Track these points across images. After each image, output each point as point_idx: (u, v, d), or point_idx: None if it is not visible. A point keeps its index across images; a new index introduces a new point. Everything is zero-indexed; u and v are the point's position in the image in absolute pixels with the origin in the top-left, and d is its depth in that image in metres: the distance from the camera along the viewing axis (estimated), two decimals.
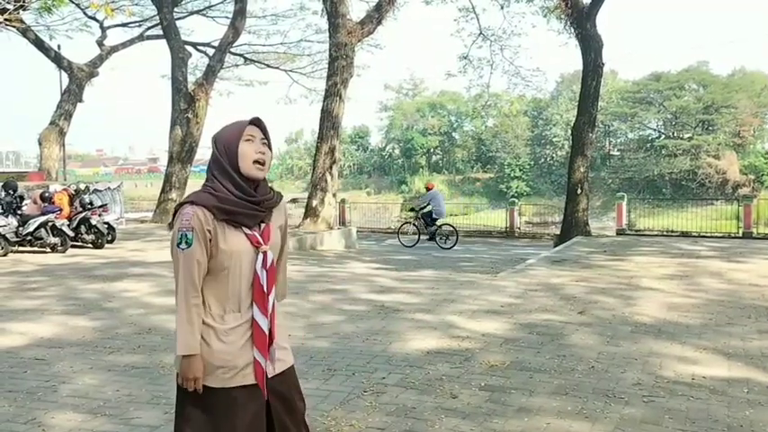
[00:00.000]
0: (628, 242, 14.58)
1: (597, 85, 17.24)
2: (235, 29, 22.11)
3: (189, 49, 23.86)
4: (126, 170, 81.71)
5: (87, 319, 6.68)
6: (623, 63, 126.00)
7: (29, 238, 12.69)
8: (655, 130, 56.63)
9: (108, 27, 26.06)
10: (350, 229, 17.48)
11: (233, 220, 2.25)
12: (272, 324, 2.31)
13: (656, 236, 16.58)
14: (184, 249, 2.20)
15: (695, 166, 49.24)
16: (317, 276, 9.69)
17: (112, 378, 4.73)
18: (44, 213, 12.91)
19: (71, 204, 14.13)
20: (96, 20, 25.24)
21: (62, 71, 24.44)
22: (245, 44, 27.34)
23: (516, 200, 25.09)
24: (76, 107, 24.44)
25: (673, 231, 17.24)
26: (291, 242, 13.96)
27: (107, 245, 13.82)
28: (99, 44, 25.63)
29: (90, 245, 13.70)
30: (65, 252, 12.82)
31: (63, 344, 5.71)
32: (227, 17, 24.86)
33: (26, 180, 19.42)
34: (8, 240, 12.40)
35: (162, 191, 22.36)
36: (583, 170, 17.01)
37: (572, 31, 17.45)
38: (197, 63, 26.95)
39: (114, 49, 26.01)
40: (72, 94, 24.09)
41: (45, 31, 24.31)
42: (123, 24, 26.39)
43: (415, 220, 17.37)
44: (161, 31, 23.21)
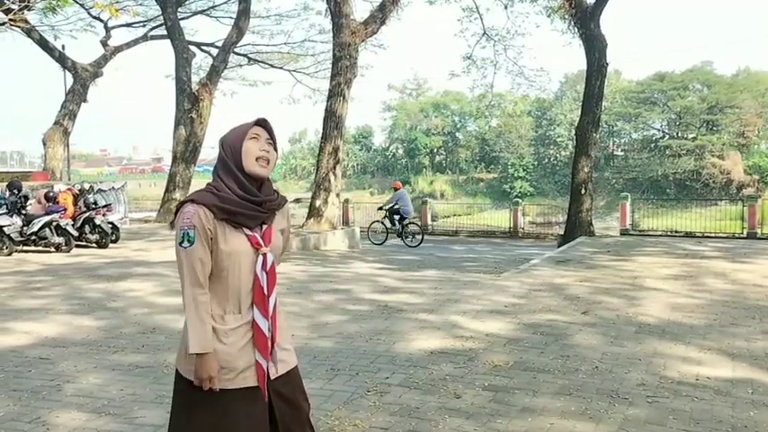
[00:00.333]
0: (632, 242, 14.55)
1: (601, 85, 17.21)
2: (239, 29, 22.14)
3: (193, 49, 23.94)
4: (130, 170, 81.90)
5: (91, 319, 6.70)
6: (627, 63, 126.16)
7: (33, 237, 12.73)
8: (659, 130, 56.52)
9: (112, 27, 26.15)
10: (353, 229, 17.48)
11: (233, 221, 2.24)
12: (273, 326, 2.30)
13: (660, 236, 16.55)
14: (187, 248, 2.19)
15: (699, 166, 49.11)
16: (320, 276, 9.70)
17: (116, 377, 4.74)
18: (48, 213, 12.93)
19: (75, 204, 14.16)
20: (101, 20, 25.32)
21: (66, 71, 24.51)
22: (248, 44, 27.40)
23: (520, 200, 25.09)
24: (81, 107, 24.53)
25: (677, 232, 17.22)
26: (295, 242, 13.96)
27: (111, 244, 13.87)
28: (103, 44, 25.70)
29: (94, 244, 13.74)
30: (69, 252, 12.86)
31: (67, 343, 5.73)
32: (230, 17, 24.94)
33: (30, 180, 19.48)
34: (13, 240, 12.44)
35: (166, 190, 22.41)
36: (587, 170, 16.99)
37: (576, 30, 17.42)
38: (201, 63, 27.10)
39: (118, 49, 26.08)
40: (76, 94, 24.17)
41: (49, 32, 24.43)
42: (127, 24, 26.47)
43: (384, 219, 18.00)
44: (165, 32, 23.25)
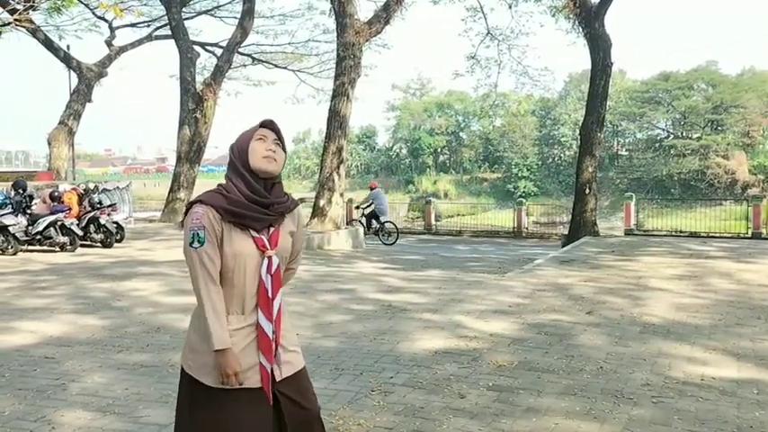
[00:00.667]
0: (636, 242, 14.52)
1: (606, 85, 17.18)
2: (243, 29, 22.16)
3: (197, 49, 23.95)
4: (134, 170, 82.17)
5: (96, 318, 6.72)
6: (632, 63, 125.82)
7: (38, 237, 12.77)
8: (663, 129, 56.32)
9: (117, 27, 26.19)
10: (357, 228, 17.47)
11: (240, 222, 2.25)
12: (277, 329, 2.30)
13: (664, 236, 16.52)
14: (197, 248, 2.21)
15: (704, 166, 48.88)
16: (324, 276, 9.70)
17: (121, 376, 4.75)
18: (53, 213, 12.97)
19: (80, 204, 14.20)
20: (105, 20, 25.36)
21: (71, 71, 24.55)
22: (253, 44, 27.42)
23: (524, 200, 25.04)
24: (85, 107, 24.56)
25: (681, 232, 17.19)
26: None
27: (116, 244, 13.89)
28: (108, 44, 25.74)
29: (99, 244, 13.77)
30: (74, 251, 12.90)
31: (72, 342, 5.75)
32: (235, 17, 24.96)
33: (35, 179, 19.52)
34: (18, 239, 12.48)
35: (170, 190, 22.46)
36: (591, 170, 16.96)
37: (580, 30, 17.39)
38: (205, 63, 27.11)
39: (123, 49, 26.12)
40: (81, 94, 24.21)
41: (54, 32, 24.50)
42: (132, 24, 26.53)
43: (361, 218, 18.64)
44: (170, 32, 23.29)
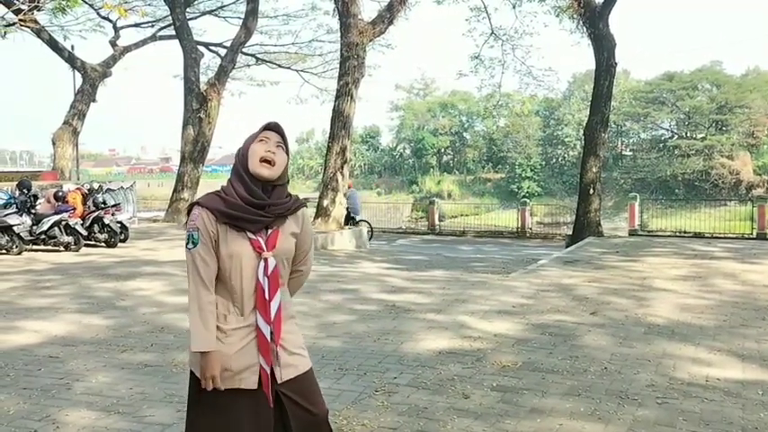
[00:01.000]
0: (640, 243, 14.49)
1: (610, 85, 17.15)
2: (247, 29, 22.18)
3: (201, 49, 23.97)
4: (138, 170, 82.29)
5: (101, 318, 6.73)
6: (636, 63, 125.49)
7: (43, 236, 12.79)
8: (667, 130, 56.21)
9: (121, 27, 26.26)
10: (360, 228, 17.47)
11: (235, 224, 2.28)
12: (276, 330, 2.31)
13: (668, 237, 16.48)
14: (191, 249, 2.28)
15: (708, 166, 48.76)
16: (328, 276, 9.71)
17: (126, 376, 4.76)
18: (58, 212, 13.00)
19: (84, 203, 14.22)
20: (110, 20, 25.43)
21: (75, 71, 24.61)
22: (256, 44, 27.46)
23: (527, 200, 25.00)
24: (90, 107, 24.63)
25: (686, 232, 17.14)
26: None
27: (120, 244, 13.92)
28: (112, 44, 25.81)
29: (103, 244, 13.80)
30: (78, 251, 12.92)
31: (77, 342, 5.76)
32: (239, 17, 24.98)
33: (40, 179, 19.57)
34: (22, 239, 12.51)
35: (174, 190, 22.48)
36: (595, 170, 16.94)
37: (584, 30, 17.37)
38: (209, 63, 27.13)
39: (127, 49, 26.18)
40: (85, 94, 24.27)
41: (59, 32, 24.52)
42: (136, 25, 26.56)
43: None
44: (174, 32, 23.33)
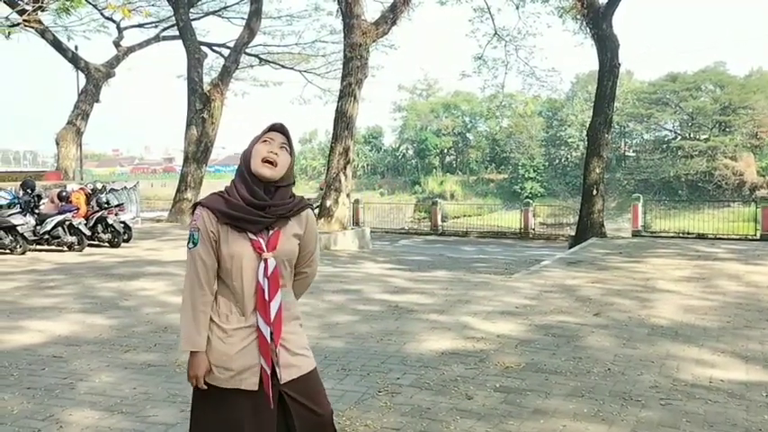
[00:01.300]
0: (644, 244, 14.46)
1: (613, 86, 17.13)
2: (250, 29, 22.20)
3: (204, 49, 23.98)
4: (142, 170, 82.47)
5: (104, 318, 6.74)
6: (639, 63, 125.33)
7: (46, 236, 12.81)
8: (671, 131, 56.09)
9: (125, 28, 26.27)
10: (363, 229, 17.48)
11: (236, 225, 2.29)
12: (276, 331, 2.31)
13: (672, 237, 16.46)
14: (191, 249, 2.31)
15: (712, 167, 48.64)
16: (331, 276, 9.70)
17: (129, 376, 4.77)
18: (61, 212, 13.02)
19: (88, 203, 14.25)
20: (113, 21, 25.43)
21: (79, 72, 24.66)
22: (260, 45, 27.43)
23: (530, 201, 24.99)
24: (93, 107, 24.66)
25: (689, 233, 17.11)
26: None
27: (123, 244, 13.92)
28: (116, 45, 25.84)
29: (106, 244, 13.81)
30: (81, 251, 12.94)
31: (80, 342, 5.77)
32: (242, 18, 25.00)
33: (43, 179, 19.61)
34: (26, 239, 12.53)
35: (177, 190, 22.50)
36: (598, 171, 16.92)
37: (588, 31, 17.35)
38: (212, 64, 27.15)
39: (131, 49, 26.21)
40: (89, 95, 24.29)
41: (63, 32, 24.54)
42: (140, 25, 26.58)
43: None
44: (177, 32, 23.32)
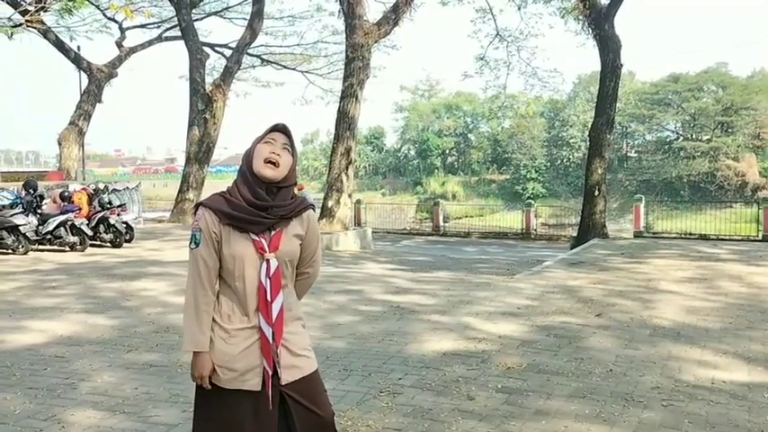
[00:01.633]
0: (646, 245, 14.45)
1: (615, 87, 17.12)
2: (252, 30, 22.23)
3: (207, 50, 24.00)
4: (144, 170, 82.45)
5: (106, 318, 6.75)
6: (641, 64, 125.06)
7: (48, 236, 12.83)
8: (673, 131, 56.01)
9: (127, 28, 26.34)
10: (365, 229, 17.49)
11: (237, 225, 2.29)
12: (278, 332, 2.31)
13: (674, 238, 16.43)
14: (193, 249, 2.31)
15: (714, 168, 48.54)
16: (332, 277, 9.71)
17: (131, 376, 4.77)
18: (63, 212, 13.04)
19: (90, 204, 14.26)
20: (116, 21, 25.48)
21: (81, 72, 24.69)
22: (262, 45, 27.51)
23: (532, 201, 24.98)
24: (96, 107, 24.70)
25: (691, 234, 17.07)
26: None
27: (125, 244, 13.93)
28: (118, 45, 25.87)
29: (108, 244, 13.82)
30: (84, 251, 12.95)
31: (82, 342, 5.77)
32: (244, 19, 25.04)
33: (46, 179, 19.65)
34: (28, 239, 12.55)
35: (179, 191, 22.53)
36: (600, 172, 16.90)
37: (590, 31, 17.33)
38: (215, 64, 27.18)
39: (133, 50, 26.25)
40: (91, 95, 24.34)
41: (65, 33, 24.61)
42: (142, 26, 26.66)
43: None
44: (179, 33, 23.36)
